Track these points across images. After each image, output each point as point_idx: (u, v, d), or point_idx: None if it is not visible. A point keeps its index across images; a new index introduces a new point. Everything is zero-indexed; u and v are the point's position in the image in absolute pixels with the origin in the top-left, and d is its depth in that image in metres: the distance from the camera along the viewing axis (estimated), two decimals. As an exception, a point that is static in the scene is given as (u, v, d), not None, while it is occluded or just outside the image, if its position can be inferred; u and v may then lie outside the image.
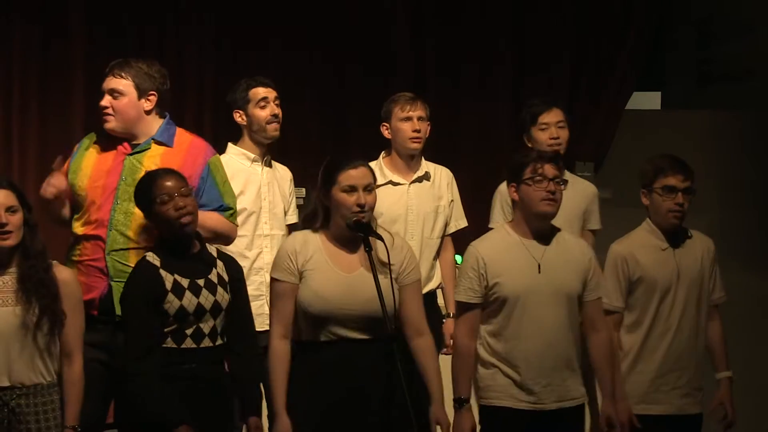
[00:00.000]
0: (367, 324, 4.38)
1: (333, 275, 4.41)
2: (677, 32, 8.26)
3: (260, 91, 5.55)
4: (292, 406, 4.39)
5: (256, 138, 5.55)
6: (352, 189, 4.40)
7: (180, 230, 4.46)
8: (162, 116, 5.06)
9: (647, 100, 8.24)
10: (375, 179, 4.51)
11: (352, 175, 4.41)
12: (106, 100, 5.03)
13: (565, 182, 4.72)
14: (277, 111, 5.57)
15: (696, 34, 8.33)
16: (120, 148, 5.02)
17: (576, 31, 7.58)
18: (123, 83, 5.03)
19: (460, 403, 4.63)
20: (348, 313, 4.37)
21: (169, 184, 4.47)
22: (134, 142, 5.02)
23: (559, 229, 4.76)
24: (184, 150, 5.06)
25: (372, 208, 4.46)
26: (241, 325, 4.60)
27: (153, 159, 4.98)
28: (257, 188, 5.53)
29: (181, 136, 5.08)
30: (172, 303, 4.40)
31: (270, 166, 5.61)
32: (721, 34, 8.14)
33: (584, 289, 4.72)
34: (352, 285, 4.38)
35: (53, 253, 4.53)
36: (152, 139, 5.03)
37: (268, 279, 5.34)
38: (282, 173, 5.71)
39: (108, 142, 5.05)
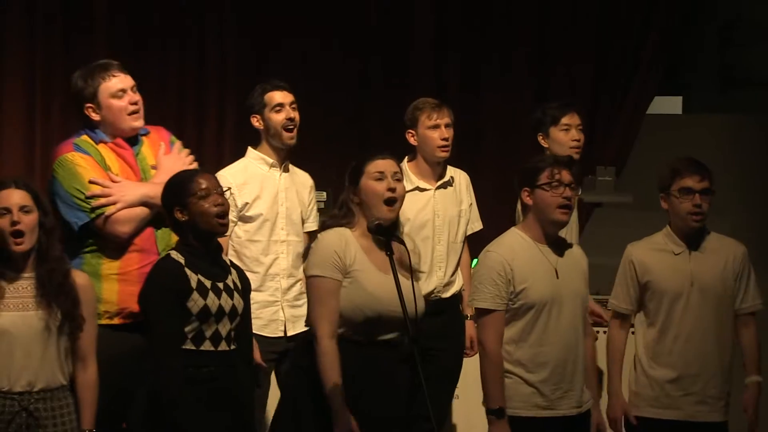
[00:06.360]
0: (399, 325, 4.34)
1: (377, 276, 4.40)
2: (700, 36, 8.25)
3: (276, 96, 5.44)
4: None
5: (273, 143, 5.46)
6: (381, 176, 4.45)
7: (216, 227, 4.45)
8: None
9: (668, 105, 8.22)
10: (401, 172, 4.56)
11: (380, 164, 4.48)
12: (134, 98, 4.88)
13: (579, 188, 4.71)
14: (293, 115, 5.44)
15: (718, 38, 8.32)
16: (120, 150, 4.86)
17: (598, 35, 7.58)
18: (133, 81, 4.91)
19: (499, 413, 4.48)
20: (395, 314, 4.31)
21: (206, 181, 4.48)
22: (129, 139, 4.91)
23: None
24: (157, 135, 5.03)
25: (402, 197, 4.49)
26: (245, 336, 4.59)
27: (149, 150, 4.91)
28: (274, 194, 5.44)
29: None
30: (196, 302, 4.36)
31: (288, 171, 5.54)
32: (744, 38, 8.13)
33: None
34: (393, 286, 4.32)
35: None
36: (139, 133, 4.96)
37: (283, 285, 5.38)
38: (302, 179, 5.61)
39: (112, 146, 4.88)
